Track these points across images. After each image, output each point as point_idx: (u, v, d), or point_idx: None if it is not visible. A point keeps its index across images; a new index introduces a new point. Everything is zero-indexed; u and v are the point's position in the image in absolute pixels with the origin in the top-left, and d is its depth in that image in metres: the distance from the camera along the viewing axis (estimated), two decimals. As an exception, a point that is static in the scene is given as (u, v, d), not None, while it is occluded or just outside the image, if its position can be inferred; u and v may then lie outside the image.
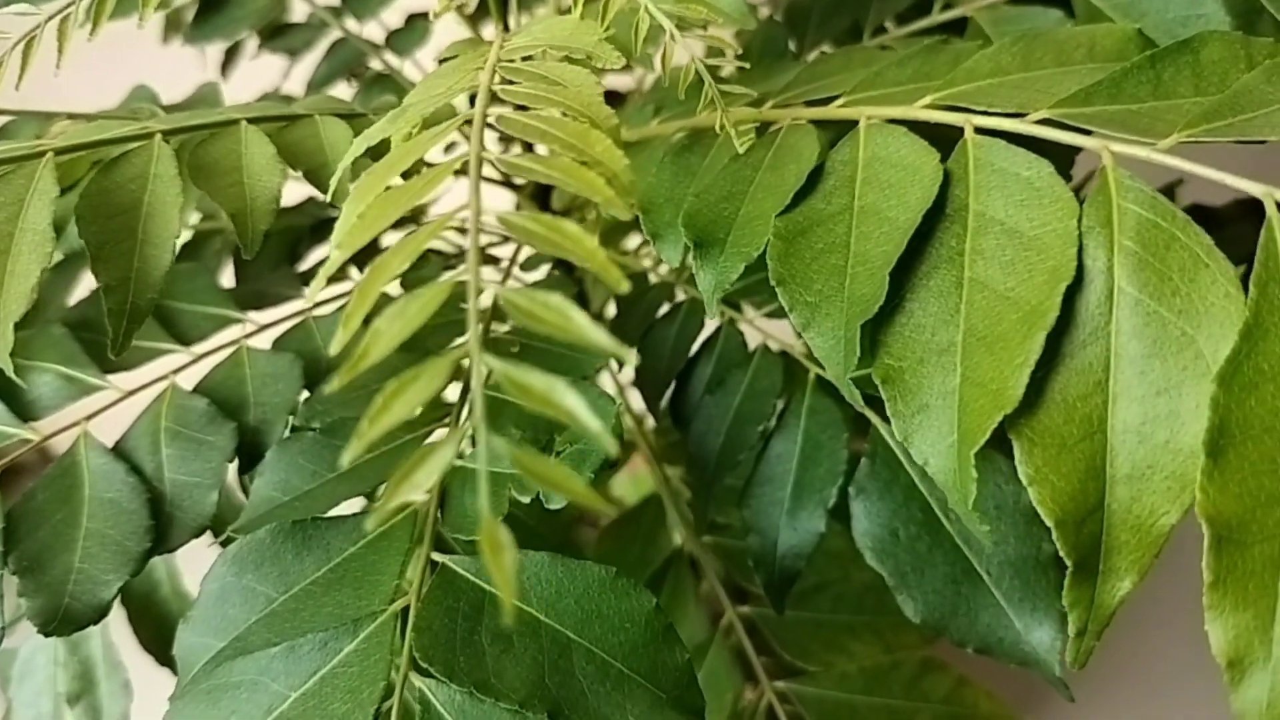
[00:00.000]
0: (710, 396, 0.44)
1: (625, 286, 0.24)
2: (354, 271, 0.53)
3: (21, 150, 0.33)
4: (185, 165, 0.35)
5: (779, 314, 0.46)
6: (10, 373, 0.29)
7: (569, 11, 0.41)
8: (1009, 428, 0.29)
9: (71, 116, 0.46)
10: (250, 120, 0.37)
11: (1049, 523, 0.29)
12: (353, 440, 0.22)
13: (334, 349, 0.23)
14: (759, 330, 0.46)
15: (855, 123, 0.35)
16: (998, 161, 0.32)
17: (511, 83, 0.31)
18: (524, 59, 0.33)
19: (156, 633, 0.50)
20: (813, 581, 0.43)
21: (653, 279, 0.50)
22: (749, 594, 0.50)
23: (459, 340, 0.40)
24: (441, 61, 0.49)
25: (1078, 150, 0.32)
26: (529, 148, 0.45)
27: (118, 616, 0.53)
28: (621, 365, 0.50)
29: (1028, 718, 0.48)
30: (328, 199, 0.33)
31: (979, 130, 0.32)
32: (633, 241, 0.59)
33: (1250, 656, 0.25)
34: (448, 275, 0.23)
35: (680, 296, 0.48)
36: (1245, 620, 0.25)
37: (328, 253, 0.55)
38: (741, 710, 0.46)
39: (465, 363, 0.23)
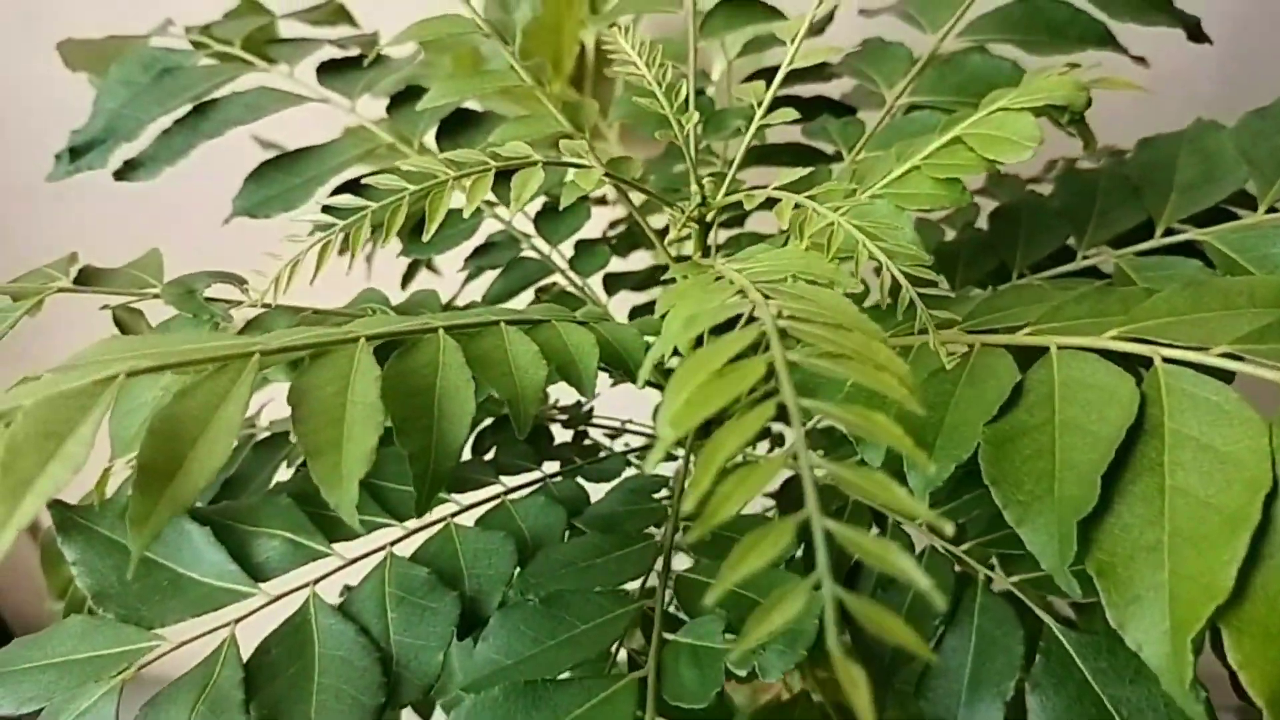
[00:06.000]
0: (883, 592, 0.47)
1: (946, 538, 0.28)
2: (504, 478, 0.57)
3: (337, 336, 0.38)
4: (461, 357, 0.40)
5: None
6: (355, 525, 0.34)
7: (768, 239, 0.47)
8: (1218, 618, 0.33)
9: (316, 312, 0.52)
10: (508, 322, 0.43)
11: (1260, 702, 0.32)
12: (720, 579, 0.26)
13: (688, 506, 0.28)
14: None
15: (1042, 349, 0.41)
16: (1187, 387, 0.37)
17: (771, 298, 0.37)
18: (771, 281, 0.39)
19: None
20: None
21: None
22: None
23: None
24: (663, 281, 0.55)
25: None
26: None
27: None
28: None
29: None
30: (638, 386, 0.39)
31: (1165, 360, 0.38)
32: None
33: None
34: (779, 451, 0.28)
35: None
36: None
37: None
38: None
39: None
